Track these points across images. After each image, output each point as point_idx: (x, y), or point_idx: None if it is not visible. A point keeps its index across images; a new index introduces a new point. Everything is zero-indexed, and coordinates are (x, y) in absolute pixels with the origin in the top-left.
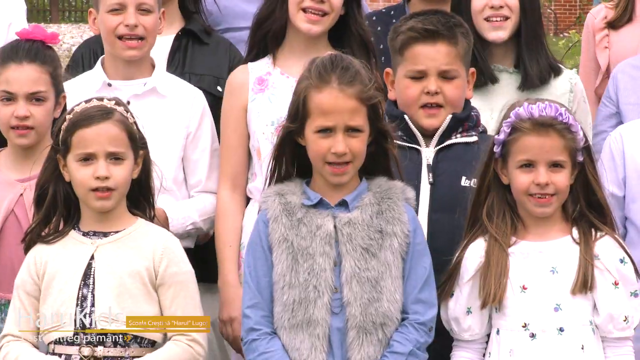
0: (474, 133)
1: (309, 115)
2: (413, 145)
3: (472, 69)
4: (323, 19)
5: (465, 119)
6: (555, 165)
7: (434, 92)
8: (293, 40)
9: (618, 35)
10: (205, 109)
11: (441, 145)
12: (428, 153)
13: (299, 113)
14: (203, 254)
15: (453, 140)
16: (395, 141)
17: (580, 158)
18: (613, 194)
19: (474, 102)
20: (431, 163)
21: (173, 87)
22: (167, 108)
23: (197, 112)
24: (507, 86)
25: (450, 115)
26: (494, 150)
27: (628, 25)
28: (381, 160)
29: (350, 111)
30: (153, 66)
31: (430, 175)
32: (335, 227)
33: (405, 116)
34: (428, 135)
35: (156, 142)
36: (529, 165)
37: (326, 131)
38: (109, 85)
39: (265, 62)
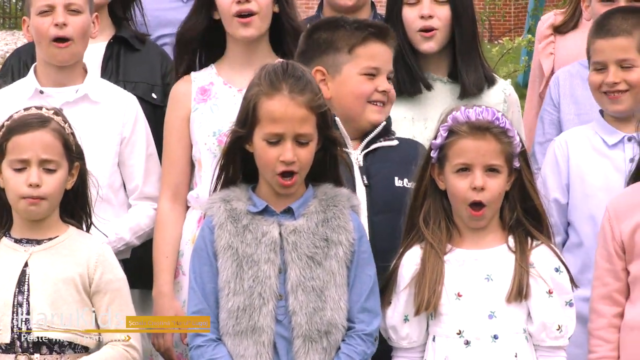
0: (394, 137)
1: (258, 122)
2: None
3: None
4: (254, 19)
5: (389, 124)
6: (491, 169)
7: (387, 89)
8: (234, 50)
9: (564, 41)
10: (139, 114)
11: (368, 149)
12: (357, 156)
13: (248, 119)
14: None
15: (379, 144)
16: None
17: (516, 164)
18: (557, 200)
19: (410, 111)
20: (362, 165)
21: (105, 93)
22: (100, 114)
23: (130, 118)
24: (441, 95)
25: (384, 122)
26: (431, 154)
27: (573, 32)
28: (329, 167)
29: (300, 119)
30: (86, 72)
31: (364, 177)
32: (280, 234)
33: (337, 119)
34: (354, 138)
35: (90, 149)
36: (465, 169)
37: (275, 139)
38: (41, 92)
39: (208, 72)
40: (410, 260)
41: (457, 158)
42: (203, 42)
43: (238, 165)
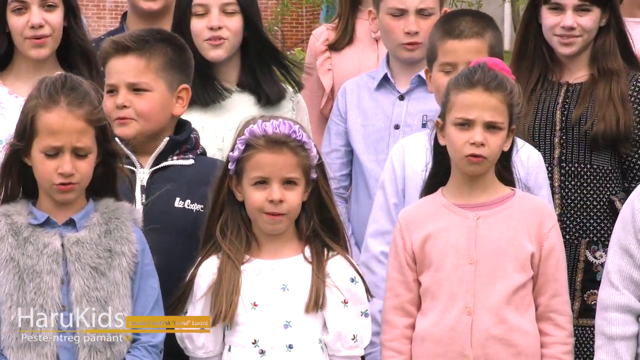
0: (190, 156)
1: (37, 134)
2: (128, 167)
3: (184, 85)
4: (47, 40)
5: (184, 142)
6: (288, 182)
7: (122, 105)
8: (21, 63)
9: (340, 57)
10: None
11: (156, 167)
12: (142, 174)
13: (26, 132)
14: None
15: (168, 162)
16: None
17: (314, 175)
18: (396, 205)
19: (205, 121)
20: (145, 184)
21: None
22: None
23: None
24: (231, 104)
25: (167, 138)
26: (229, 167)
27: (349, 47)
28: (109, 181)
29: (78, 132)
30: None
31: (144, 196)
32: (63, 245)
33: (117, 138)
34: (145, 155)
35: None
36: (262, 182)
37: (53, 151)
38: None
39: None
40: (207, 270)
41: (255, 172)
42: None
43: (16, 179)
